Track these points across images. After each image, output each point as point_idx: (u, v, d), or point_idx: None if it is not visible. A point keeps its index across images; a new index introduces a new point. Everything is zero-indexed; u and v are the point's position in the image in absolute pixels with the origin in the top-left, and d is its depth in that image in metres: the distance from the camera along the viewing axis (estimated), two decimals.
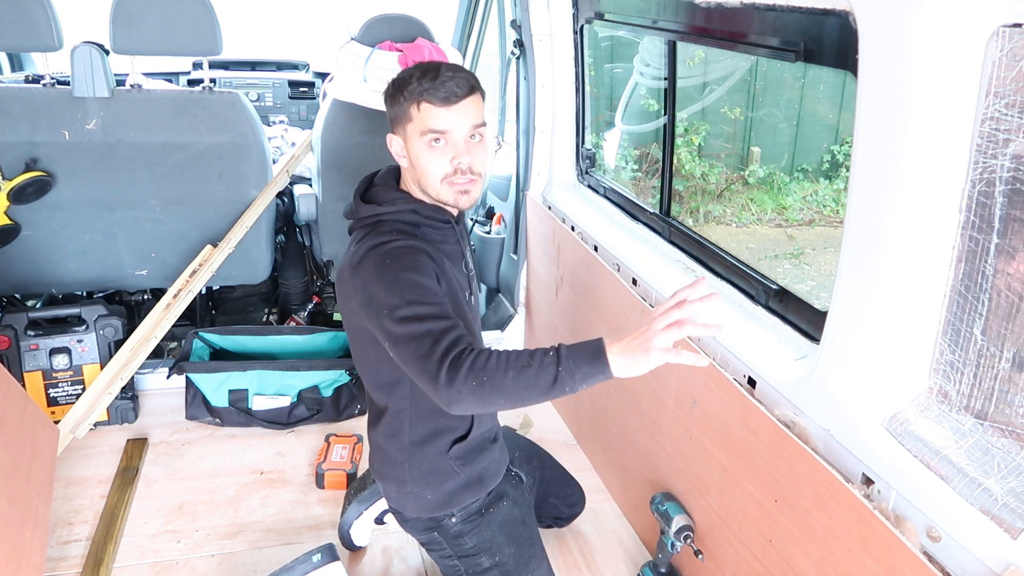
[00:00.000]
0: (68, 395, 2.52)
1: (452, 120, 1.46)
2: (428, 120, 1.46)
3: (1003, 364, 1.16)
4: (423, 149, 1.48)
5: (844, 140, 7.10)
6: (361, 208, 1.55)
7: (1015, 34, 1.03)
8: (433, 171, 1.49)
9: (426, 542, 1.77)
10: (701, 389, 1.78)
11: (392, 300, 1.36)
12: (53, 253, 2.68)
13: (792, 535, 1.49)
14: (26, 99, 2.50)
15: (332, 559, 1.84)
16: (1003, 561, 1.13)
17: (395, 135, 1.54)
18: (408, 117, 1.48)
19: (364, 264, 1.44)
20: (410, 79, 1.47)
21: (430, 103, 1.45)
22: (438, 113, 1.45)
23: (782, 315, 1.76)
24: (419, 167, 1.50)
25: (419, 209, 1.53)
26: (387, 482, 1.70)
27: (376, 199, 1.56)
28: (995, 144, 1.09)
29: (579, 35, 2.59)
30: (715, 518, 1.77)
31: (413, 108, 1.47)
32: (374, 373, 1.61)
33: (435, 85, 1.44)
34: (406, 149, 1.52)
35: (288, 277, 3.26)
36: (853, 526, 1.32)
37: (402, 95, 1.48)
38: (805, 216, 7.02)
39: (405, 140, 1.51)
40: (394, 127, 1.54)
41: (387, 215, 1.53)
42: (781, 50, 1.60)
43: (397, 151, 1.55)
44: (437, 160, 1.48)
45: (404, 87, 1.47)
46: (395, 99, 1.50)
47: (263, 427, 2.60)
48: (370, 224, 1.53)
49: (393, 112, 1.52)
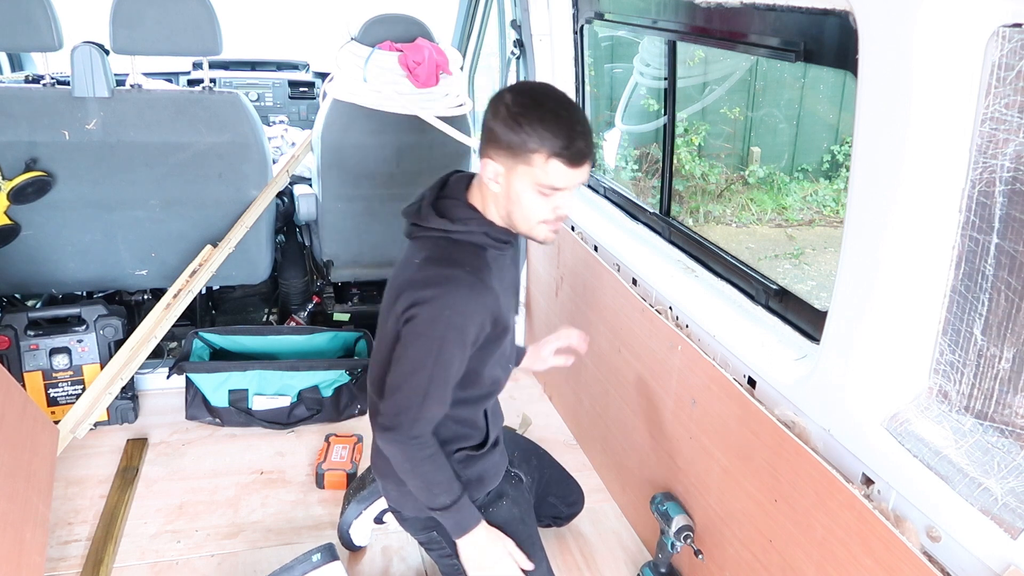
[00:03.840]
0: (68, 395, 2.52)
1: (572, 179, 1.44)
2: (551, 177, 1.42)
3: (1003, 364, 1.16)
4: (532, 195, 1.45)
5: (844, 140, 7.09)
6: (431, 219, 1.51)
7: (1015, 34, 1.03)
8: (534, 215, 1.48)
9: (425, 541, 1.77)
10: (701, 389, 1.78)
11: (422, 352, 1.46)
12: (53, 253, 2.68)
13: (792, 535, 1.49)
14: (26, 99, 2.50)
15: (332, 559, 1.84)
16: (1003, 561, 1.13)
17: (495, 161, 1.45)
18: (528, 160, 1.41)
19: (426, 293, 1.44)
20: (542, 123, 1.39)
21: (560, 162, 1.40)
22: (565, 173, 1.42)
23: (782, 315, 1.76)
24: (520, 205, 1.47)
25: (489, 232, 1.52)
26: (387, 481, 1.70)
27: (448, 213, 1.52)
28: (995, 144, 1.09)
29: (579, 35, 2.59)
30: (715, 518, 1.77)
31: (539, 157, 1.40)
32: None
33: (571, 146, 1.39)
34: (507, 181, 1.46)
35: (288, 277, 3.26)
36: (853, 526, 1.33)
37: (529, 137, 1.39)
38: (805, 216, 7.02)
39: (510, 174, 1.44)
40: (497, 153, 1.44)
41: (457, 234, 1.51)
42: (781, 50, 1.60)
43: (491, 175, 1.47)
44: (542, 207, 1.46)
45: (533, 131, 1.39)
46: (515, 132, 1.40)
47: (263, 427, 2.60)
48: (438, 239, 1.51)
49: (507, 141, 1.41)
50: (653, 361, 1.99)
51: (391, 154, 2.89)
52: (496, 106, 1.44)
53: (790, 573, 1.51)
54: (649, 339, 2.00)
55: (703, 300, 1.93)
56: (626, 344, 2.13)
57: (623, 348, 2.15)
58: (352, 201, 2.96)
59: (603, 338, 2.26)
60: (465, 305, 1.45)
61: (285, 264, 3.26)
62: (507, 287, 1.59)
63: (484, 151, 1.47)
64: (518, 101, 1.42)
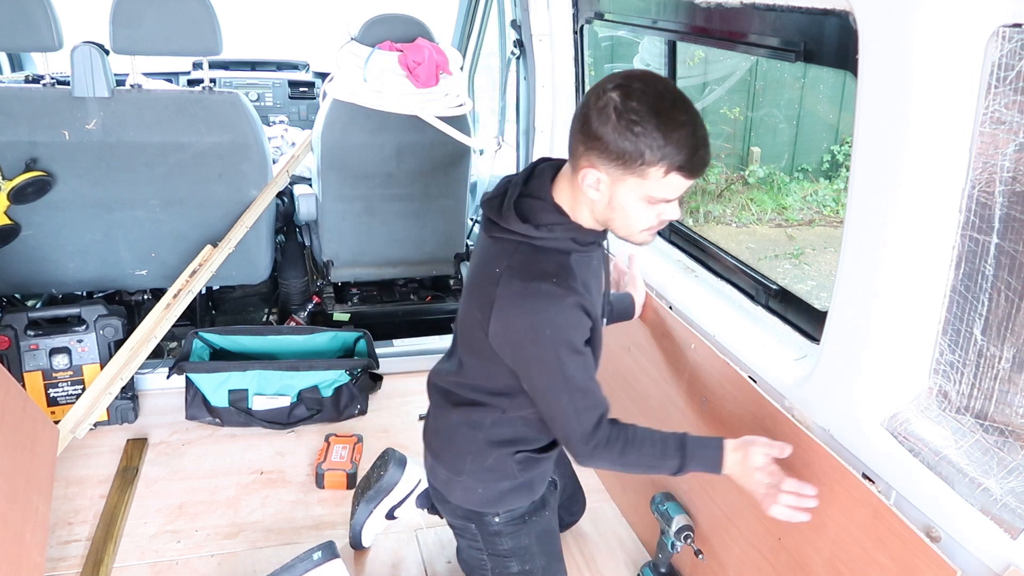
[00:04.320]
0: (68, 395, 2.52)
1: (687, 187, 1.31)
2: (667, 191, 1.28)
3: (1003, 364, 1.16)
4: (641, 206, 1.31)
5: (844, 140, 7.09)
6: (513, 222, 1.37)
7: (1015, 34, 1.03)
8: (640, 224, 1.35)
9: (459, 528, 1.73)
10: (713, 387, 1.77)
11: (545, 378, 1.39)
12: (53, 253, 2.68)
13: (803, 532, 1.49)
14: (26, 99, 2.50)
15: (332, 556, 1.84)
16: (1003, 561, 1.13)
17: (598, 171, 1.28)
18: (642, 173, 1.25)
19: (519, 313, 1.35)
20: (663, 132, 1.22)
21: (681, 176, 1.26)
22: (682, 185, 1.28)
23: (782, 315, 1.76)
24: (624, 215, 1.33)
25: (577, 237, 1.39)
26: (441, 464, 1.64)
27: (532, 217, 1.37)
28: (995, 144, 1.09)
29: (579, 35, 2.59)
30: (721, 517, 1.77)
31: (656, 171, 1.24)
32: (483, 376, 1.52)
33: (694, 157, 1.25)
34: (610, 190, 1.30)
35: (288, 277, 3.26)
36: (868, 523, 1.32)
37: (648, 149, 1.23)
38: (805, 216, 7.02)
39: (616, 184, 1.28)
40: (602, 161, 1.27)
41: (541, 241, 1.37)
42: (781, 50, 1.60)
43: (591, 183, 1.30)
44: (649, 216, 1.33)
45: (652, 141, 1.22)
46: (629, 141, 1.23)
47: (263, 427, 2.59)
48: (519, 244, 1.38)
49: (617, 150, 1.24)
50: (664, 361, 1.98)
51: (391, 154, 2.89)
52: (601, 107, 1.25)
53: (799, 571, 1.51)
54: (662, 338, 1.99)
55: (703, 300, 1.93)
56: (636, 344, 2.12)
57: (633, 348, 2.14)
58: (352, 201, 2.96)
59: (611, 338, 2.24)
60: (562, 318, 1.35)
61: (285, 264, 3.27)
62: (593, 288, 1.47)
63: (582, 154, 1.30)
64: (631, 105, 1.22)
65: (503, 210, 1.39)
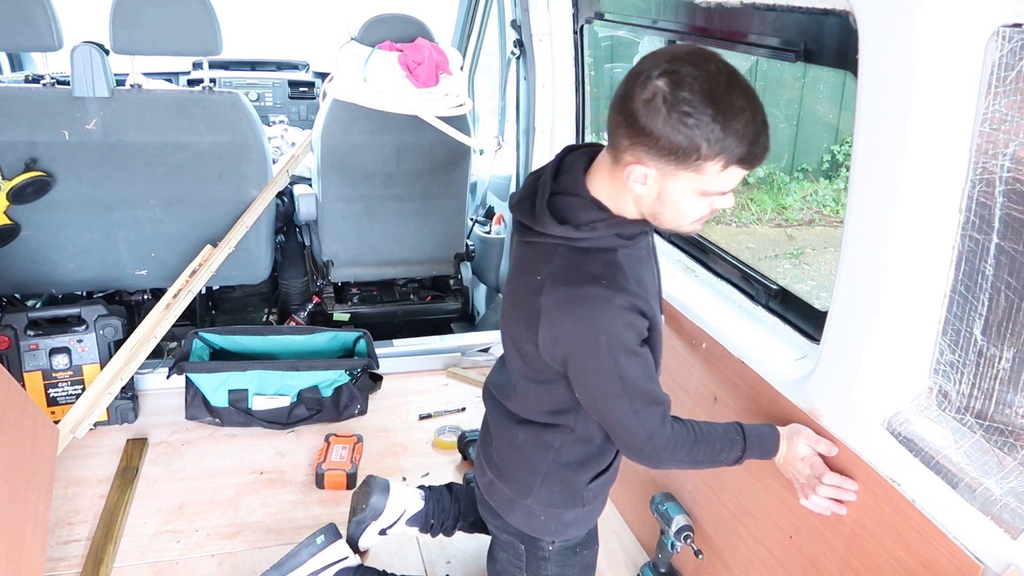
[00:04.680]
0: (68, 395, 2.52)
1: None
2: (724, 183, 1.16)
3: (1003, 364, 1.16)
4: (693, 199, 1.19)
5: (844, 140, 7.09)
6: (549, 225, 1.24)
7: (1015, 34, 1.03)
8: (691, 216, 1.23)
9: (503, 542, 1.62)
10: (724, 385, 1.76)
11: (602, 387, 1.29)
12: (53, 253, 2.68)
13: (817, 530, 1.48)
14: (26, 99, 2.50)
15: (335, 538, 1.86)
16: (1003, 561, 1.13)
17: (646, 167, 1.16)
18: (697, 168, 1.13)
19: (568, 324, 1.24)
20: (721, 124, 1.09)
21: (741, 168, 1.15)
22: (740, 176, 1.17)
23: (782, 315, 1.76)
24: (675, 209, 1.21)
25: (621, 232, 1.26)
26: (505, 483, 1.53)
27: (570, 216, 1.25)
28: (995, 144, 1.09)
29: (579, 35, 2.59)
30: (728, 515, 1.76)
31: (714, 165, 1.12)
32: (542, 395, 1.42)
33: (756, 146, 1.13)
34: (659, 185, 1.17)
35: (288, 277, 3.26)
36: (888, 518, 1.31)
37: (705, 142, 1.10)
38: (805, 216, 7.02)
39: (666, 179, 1.16)
40: (651, 156, 1.14)
41: (583, 242, 1.25)
42: (781, 50, 1.60)
43: (637, 178, 1.17)
44: (701, 207, 1.21)
45: (711, 133, 1.09)
46: (683, 134, 1.10)
47: (263, 427, 2.59)
48: (559, 246, 1.27)
49: (669, 144, 1.11)
50: (673, 359, 1.96)
51: (391, 154, 2.89)
52: (647, 98, 1.10)
53: (811, 569, 1.50)
54: (669, 337, 1.98)
55: (703, 300, 1.93)
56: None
57: None
58: (352, 201, 2.96)
59: None
60: (615, 322, 1.23)
61: (285, 264, 3.27)
62: (647, 281, 1.34)
63: (626, 149, 1.16)
64: (683, 95, 1.08)
65: (536, 213, 1.26)
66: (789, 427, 1.47)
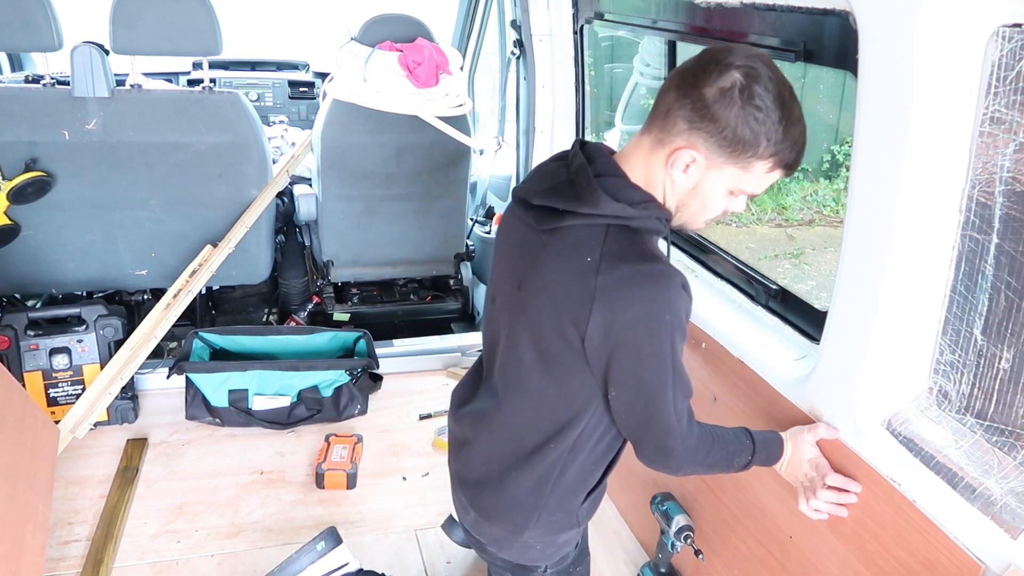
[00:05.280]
0: (68, 395, 2.52)
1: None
2: (762, 184, 1.20)
3: (1003, 364, 1.16)
4: (723, 196, 1.21)
5: (844, 140, 7.09)
6: (603, 203, 1.18)
7: (1015, 34, 1.03)
8: (711, 213, 1.24)
9: (498, 564, 1.52)
10: (724, 385, 1.76)
11: (655, 375, 1.22)
12: (53, 253, 2.68)
13: (817, 530, 1.48)
14: (26, 99, 2.50)
15: (336, 543, 1.85)
16: (1003, 561, 1.13)
17: (697, 152, 1.15)
18: (747, 165, 1.15)
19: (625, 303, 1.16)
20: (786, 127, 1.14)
21: (783, 173, 1.19)
22: (774, 179, 1.21)
23: (782, 315, 1.76)
24: (703, 202, 1.22)
25: (662, 217, 1.24)
26: (495, 524, 1.42)
27: (621, 195, 1.20)
28: (995, 144, 1.09)
29: (579, 35, 2.59)
30: (728, 516, 1.76)
31: (764, 164, 1.15)
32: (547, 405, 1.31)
33: (800, 158, 1.19)
34: (702, 174, 1.17)
35: (288, 277, 3.26)
36: (888, 519, 1.31)
37: (767, 141, 1.13)
38: (805, 216, 7.02)
39: (712, 169, 1.17)
40: (707, 143, 1.14)
41: (636, 220, 1.21)
42: (781, 50, 1.60)
43: (685, 161, 1.16)
44: (721, 205, 1.23)
45: (774, 134, 1.13)
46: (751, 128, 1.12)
47: (263, 427, 2.59)
48: (607, 227, 1.20)
49: (734, 135, 1.12)
50: None
51: (391, 154, 2.89)
52: (725, 86, 1.11)
53: (810, 569, 1.50)
54: None
55: (703, 300, 1.93)
56: None
57: None
58: (352, 201, 2.96)
59: None
60: (679, 301, 1.19)
61: (285, 264, 3.27)
62: None
63: (682, 132, 1.15)
64: (758, 91, 1.11)
65: (585, 192, 1.20)
66: (790, 431, 1.46)
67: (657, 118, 1.19)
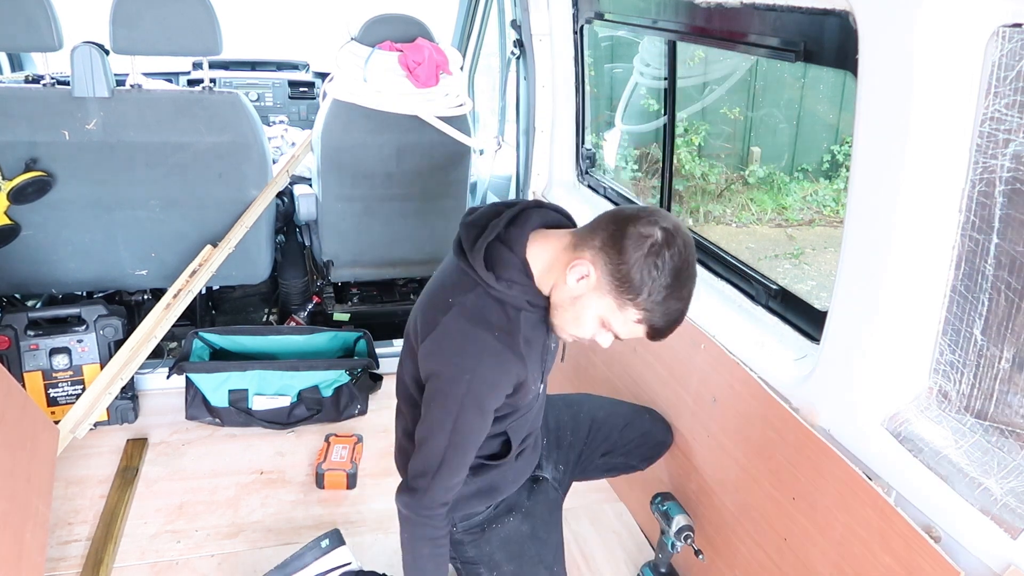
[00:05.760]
0: (68, 395, 2.52)
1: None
2: (626, 332, 1.35)
3: (1003, 364, 1.16)
4: (595, 322, 1.37)
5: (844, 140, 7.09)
6: (477, 265, 1.38)
7: (1015, 34, 1.03)
8: (579, 333, 1.40)
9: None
10: (723, 387, 1.76)
11: (440, 412, 1.41)
12: (53, 253, 2.68)
13: (809, 533, 1.49)
14: (26, 99, 2.50)
15: (339, 544, 1.88)
16: (1003, 561, 1.13)
17: (595, 272, 1.31)
18: (623, 307, 1.31)
19: (449, 345, 1.38)
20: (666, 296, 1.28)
21: (647, 334, 1.35)
22: (638, 334, 1.36)
23: (782, 315, 1.76)
24: (576, 319, 1.37)
25: (532, 300, 1.41)
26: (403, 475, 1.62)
27: (497, 268, 1.38)
28: (995, 144, 1.09)
29: (579, 35, 2.59)
30: (728, 517, 1.76)
31: (634, 314, 1.31)
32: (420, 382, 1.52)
33: (666, 331, 1.34)
34: (586, 293, 1.34)
35: (288, 277, 3.26)
36: (875, 524, 1.32)
37: (648, 297, 1.28)
38: (805, 216, 7.02)
39: (596, 294, 1.33)
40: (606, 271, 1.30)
41: (497, 292, 1.38)
42: (781, 50, 1.60)
43: (579, 275, 1.33)
44: (591, 331, 1.38)
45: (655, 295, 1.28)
46: (641, 278, 1.27)
47: (263, 427, 2.59)
48: (476, 285, 1.39)
49: (628, 276, 1.28)
50: (674, 360, 1.97)
51: (391, 154, 2.89)
52: (644, 233, 1.28)
53: (804, 572, 1.51)
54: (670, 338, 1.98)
55: (703, 300, 1.93)
56: (644, 344, 2.11)
57: (639, 347, 2.13)
58: (352, 201, 2.96)
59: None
60: (489, 374, 1.38)
61: (285, 264, 3.27)
62: (534, 349, 1.47)
63: (593, 248, 1.32)
64: (665, 256, 1.27)
65: (474, 249, 1.39)
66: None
67: (586, 228, 1.37)
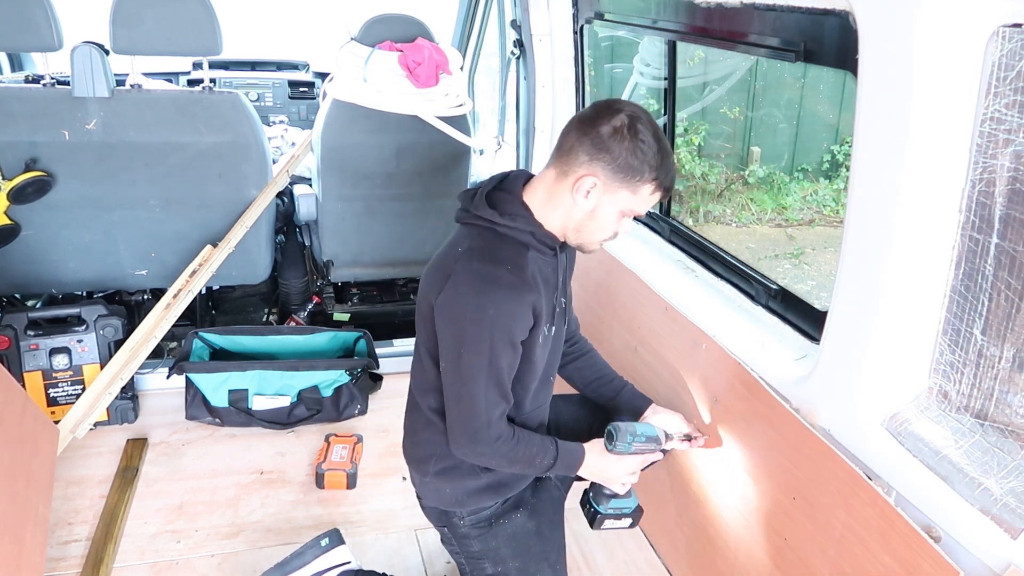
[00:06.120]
0: (68, 395, 2.52)
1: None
2: (645, 204, 1.45)
3: (1003, 364, 1.16)
4: (615, 217, 1.46)
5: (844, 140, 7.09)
6: (481, 207, 1.47)
7: (1015, 34, 1.03)
8: (606, 234, 1.49)
9: (442, 535, 1.76)
10: (724, 387, 1.76)
11: (472, 357, 1.43)
12: (53, 253, 2.68)
13: (809, 533, 1.48)
14: (26, 99, 2.50)
15: (339, 543, 1.88)
16: (1003, 561, 1.13)
17: (596, 177, 1.41)
18: (634, 188, 1.41)
19: (466, 287, 1.42)
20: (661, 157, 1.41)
21: (661, 194, 1.45)
22: (655, 200, 1.46)
23: (782, 315, 1.76)
24: (599, 223, 1.47)
25: (535, 232, 1.47)
26: (412, 467, 1.71)
27: (499, 206, 1.48)
28: (995, 144, 1.09)
29: (579, 35, 2.59)
30: (728, 517, 1.76)
31: (647, 187, 1.42)
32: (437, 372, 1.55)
33: (673, 183, 1.45)
34: (598, 198, 1.42)
35: (288, 277, 3.26)
36: (874, 523, 1.32)
37: (650, 168, 1.40)
38: (805, 216, 7.02)
39: (607, 193, 1.42)
40: (604, 171, 1.40)
41: (503, 228, 1.47)
42: (781, 50, 1.60)
43: (587, 187, 1.41)
44: (613, 227, 1.48)
45: (655, 162, 1.40)
46: (637, 159, 1.39)
47: (263, 427, 2.60)
48: (483, 228, 1.48)
49: (625, 164, 1.39)
50: (675, 360, 1.96)
51: (391, 154, 2.89)
52: (617, 126, 1.39)
53: (804, 572, 1.51)
54: (671, 337, 1.98)
55: (703, 300, 1.93)
56: (644, 343, 2.11)
57: (640, 347, 2.13)
58: (352, 201, 2.96)
59: (617, 338, 2.25)
60: (509, 305, 1.42)
61: (285, 264, 3.27)
62: (543, 287, 1.51)
63: (583, 163, 1.41)
64: (641, 131, 1.39)
65: (475, 198, 1.49)
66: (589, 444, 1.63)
67: (561, 155, 1.45)
